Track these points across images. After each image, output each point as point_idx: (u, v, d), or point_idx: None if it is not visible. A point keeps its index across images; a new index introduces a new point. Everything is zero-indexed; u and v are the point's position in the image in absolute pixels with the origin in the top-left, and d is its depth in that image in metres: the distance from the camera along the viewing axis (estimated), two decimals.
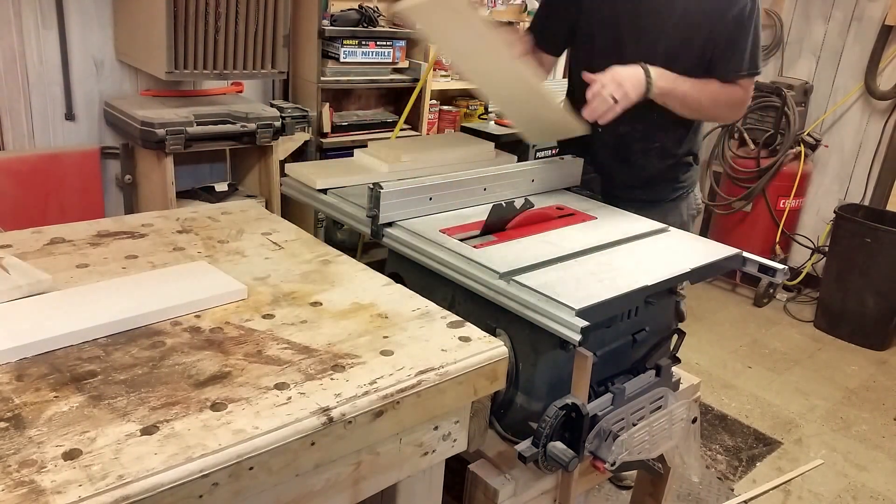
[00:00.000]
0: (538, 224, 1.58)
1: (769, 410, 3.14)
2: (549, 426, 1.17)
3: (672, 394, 1.40)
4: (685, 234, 1.64)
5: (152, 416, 0.87)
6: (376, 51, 3.26)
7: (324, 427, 0.90)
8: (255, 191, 3.02)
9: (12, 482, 0.74)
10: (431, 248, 1.39)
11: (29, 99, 2.63)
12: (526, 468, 1.26)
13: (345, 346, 1.07)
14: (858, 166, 4.17)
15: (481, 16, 1.62)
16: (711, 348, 3.67)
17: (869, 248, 3.68)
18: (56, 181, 2.67)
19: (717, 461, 2.76)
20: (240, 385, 0.95)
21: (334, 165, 1.86)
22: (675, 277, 1.36)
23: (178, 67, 2.47)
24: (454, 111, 3.83)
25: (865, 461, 2.84)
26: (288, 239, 1.47)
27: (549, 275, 1.30)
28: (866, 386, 3.43)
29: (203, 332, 1.08)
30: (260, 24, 2.62)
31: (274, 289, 1.24)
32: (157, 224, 1.48)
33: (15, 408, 0.86)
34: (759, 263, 1.52)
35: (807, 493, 2.62)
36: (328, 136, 3.26)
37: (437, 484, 1.20)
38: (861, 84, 4.05)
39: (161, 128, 2.49)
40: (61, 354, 0.98)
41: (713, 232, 4.49)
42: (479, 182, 1.66)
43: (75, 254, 1.30)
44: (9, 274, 1.14)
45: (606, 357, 1.34)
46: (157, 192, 2.68)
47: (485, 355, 1.09)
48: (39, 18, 2.58)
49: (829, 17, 4.17)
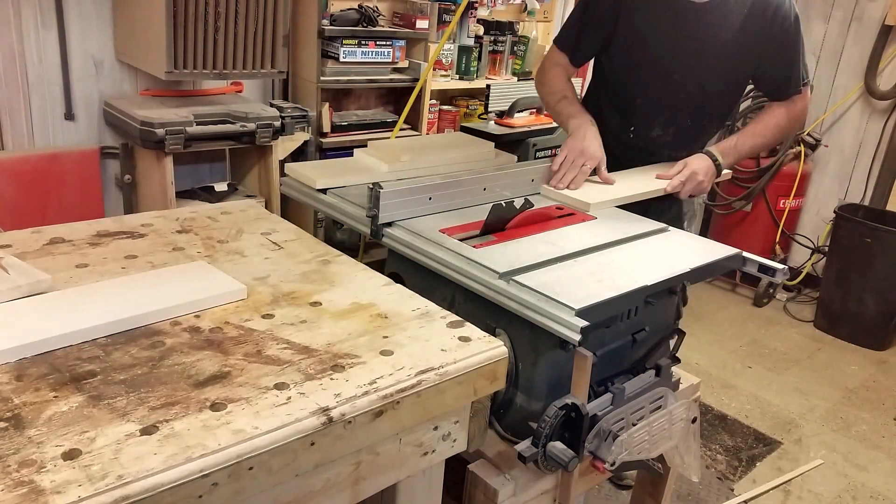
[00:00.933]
0: (538, 224, 1.58)
1: (769, 410, 3.14)
2: (549, 426, 1.17)
3: (672, 394, 1.40)
4: (685, 234, 1.64)
5: (152, 416, 0.87)
6: (376, 50, 3.26)
7: (323, 427, 0.90)
8: (254, 191, 3.02)
9: (12, 482, 0.74)
10: (431, 247, 1.39)
11: (28, 99, 2.63)
12: (526, 468, 1.26)
13: (344, 346, 1.07)
14: (858, 166, 4.17)
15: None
16: (711, 348, 3.67)
17: (869, 248, 3.68)
18: (56, 181, 2.67)
19: (717, 461, 2.76)
20: (239, 385, 0.95)
21: (334, 165, 1.86)
22: (674, 277, 1.36)
23: (177, 67, 2.47)
24: (454, 111, 3.83)
25: (865, 461, 2.84)
26: (287, 239, 1.47)
27: (549, 275, 1.30)
28: (866, 386, 3.43)
29: (203, 332, 1.08)
30: (259, 24, 2.62)
31: (273, 289, 1.23)
32: (156, 224, 1.48)
33: (14, 408, 0.86)
34: (758, 263, 1.52)
35: (807, 493, 2.62)
36: (328, 135, 3.26)
37: (437, 484, 1.20)
38: (861, 84, 4.05)
39: (160, 127, 2.49)
40: (61, 354, 0.98)
41: (713, 232, 4.49)
42: (478, 182, 1.66)
43: (75, 254, 1.30)
44: (8, 274, 1.14)
45: (606, 357, 1.34)
46: (157, 191, 2.67)
47: (485, 355, 1.09)
48: (39, 18, 2.58)
49: (828, 16, 4.17)
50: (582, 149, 1.80)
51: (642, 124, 2.04)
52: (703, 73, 1.92)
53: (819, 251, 4.23)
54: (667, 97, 1.98)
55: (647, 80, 1.99)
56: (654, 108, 2.01)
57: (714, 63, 1.91)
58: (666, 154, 1.99)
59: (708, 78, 1.93)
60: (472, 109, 3.92)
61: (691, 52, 1.90)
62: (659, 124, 2.02)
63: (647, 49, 1.95)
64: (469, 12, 3.66)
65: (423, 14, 3.39)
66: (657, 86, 1.98)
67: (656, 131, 2.03)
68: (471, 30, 3.69)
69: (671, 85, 1.96)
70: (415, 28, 3.39)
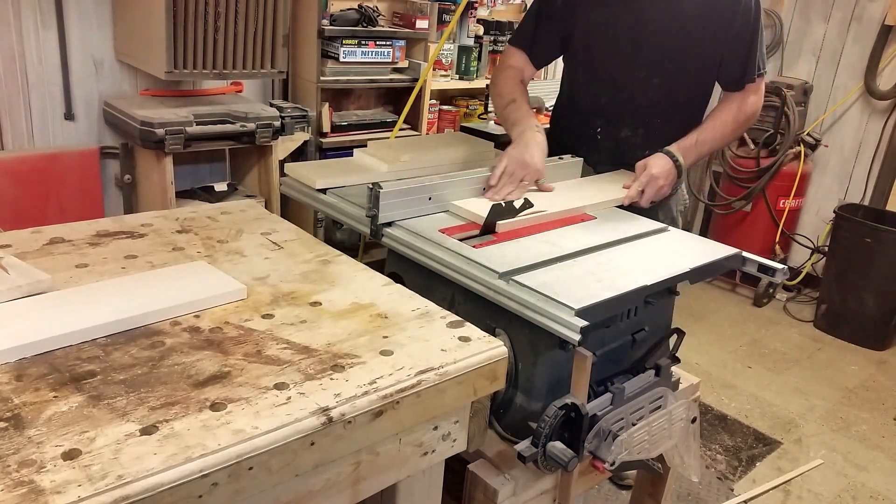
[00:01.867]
0: (537, 224, 1.58)
1: (769, 410, 3.15)
2: (549, 426, 1.17)
3: (671, 393, 1.40)
4: (684, 234, 1.64)
5: (152, 416, 0.87)
6: (376, 50, 3.26)
7: (323, 427, 0.90)
8: (254, 191, 3.02)
9: (12, 482, 0.74)
10: (431, 247, 1.39)
11: (28, 99, 2.63)
12: (525, 468, 1.26)
13: (344, 345, 1.07)
14: (858, 166, 4.18)
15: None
16: (711, 348, 3.67)
17: (868, 248, 3.68)
18: (55, 181, 2.67)
19: (717, 461, 2.76)
20: (239, 385, 0.95)
21: (334, 165, 1.86)
22: (674, 277, 1.36)
23: (177, 67, 2.47)
24: (454, 111, 3.83)
25: (865, 461, 2.84)
26: (287, 239, 1.47)
27: (549, 274, 1.30)
28: (866, 386, 3.43)
29: (202, 332, 1.08)
30: (259, 24, 2.62)
31: (273, 289, 1.23)
32: (156, 224, 1.48)
33: (14, 408, 0.86)
34: (758, 263, 1.52)
35: (806, 493, 2.62)
36: (327, 135, 3.26)
37: (437, 484, 1.20)
38: (861, 84, 4.05)
39: (160, 127, 2.49)
40: (61, 354, 0.98)
41: (713, 232, 4.49)
42: (478, 182, 1.66)
43: (74, 254, 1.30)
44: (8, 274, 1.14)
45: (606, 357, 1.34)
46: (157, 191, 2.67)
47: (484, 355, 1.09)
48: (39, 18, 2.58)
49: (828, 16, 4.17)
50: (523, 160, 1.67)
51: (610, 124, 1.97)
52: (667, 65, 1.86)
53: (819, 251, 4.23)
54: (632, 95, 1.92)
55: (611, 77, 1.93)
56: (621, 107, 1.95)
57: (678, 55, 1.85)
58: (638, 156, 1.87)
59: (672, 71, 1.87)
60: (471, 109, 3.93)
61: (653, 45, 1.85)
62: (627, 124, 1.95)
63: (607, 44, 1.89)
64: (469, 12, 3.66)
65: (423, 14, 3.40)
66: (621, 83, 1.92)
67: (625, 132, 1.96)
68: (471, 30, 3.69)
69: (636, 81, 1.90)
70: (414, 28, 3.39)
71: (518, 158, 1.67)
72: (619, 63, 1.91)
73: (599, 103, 1.98)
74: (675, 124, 1.92)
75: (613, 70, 1.92)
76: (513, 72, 1.98)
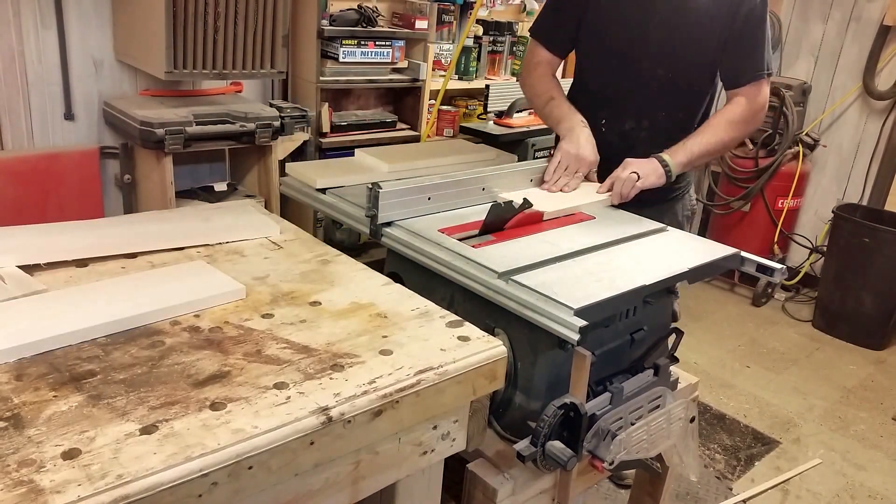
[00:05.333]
0: (537, 224, 1.58)
1: (767, 410, 3.15)
2: (548, 425, 1.17)
3: (670, 393, 1.41)
4: (683, 234, 1.64)
5: (151, 415, 0.87)
6: (375, 51, 3.26)
7: (323, 426, 0.90)
8: (254, 190, 3.02)
9: (11, 482, 0.74)
10: (430, 247, 1.39)
11: (28, 99, 2.63)
12: (524, 467, 1.26)
13: (344, 345, 1.07)
14: (857, 166, 4.18)
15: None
16: (710, 348, 3.67)
17: (867, 248, 3.69)
18: (55, 181, 2.67)
19: (716, 460, 2.77)
20: (239, 384, 0.95)
21: (333, 165, 1.86)
22: (673, 277, 1.36)
23: (177, 67, 2.47)
24: (453, 111, 3.83)
25: (863, 460, 2.84)
26: (287, 239, 1.47)
27: (548, 274, 1.30)
28: (864, 385, 3.44)
29: (202, 331, 1.08)
30: (259, 24, 2.62)
31: (273, 288, 1.24)
32: None
33: (14, 407, 0.86)
34: (757, 263, 1.52)
35: (805, 493, 2.62)
36: (327, 135, 3.26)
37: (436, 483, 1.20)
38: (859, 84, 4.05)
39: (160, 127, 2.49)
40: (60, 354, 0.99)
41: (712, 232, 4.49)
42: (478, 182, 1.66)
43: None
44: (4, 284, 1.14)
45: (605, 356, 1.34)
46: (157, 191, 2.67)
47: (484, 355, 1.09)
48: (38, 18, 2.58)
49: (827, 16, 4.18)
50: (577, 154, 1.80)
51: (614, 116, 1.98)
52: (673, 59, 1.87)
53: (817, 251, 4.23)
54: (637, 87, 1.93)
55: (616, 69, 1.94)
56: (625, 99, 1.95)
57: (682, 47, 1.86)
58: (644, 151, 1.88)
59: (677, 64, 1.88)
60: (471, 109, 3.92)
61: (660, 36, 1.86)
62: (632, 117, 1.96)
63: (615, 35, 1.91)
64: (468, 12, 3.66)
65: (423, 14, 3.40)
66: (626, 74, 1.92)
67: (629, 124, 1.97)
68: (470, 30, 3.69)
69: (641, 74, 1.90)
70: (414, 28, 3.39)
71: (572, 153, 1.81)
72: (625, 55, 1.92)
73: (605, 93, 1.99)
74: (678, 119, 1.94)
75: (618, 62, 1.93)
76: (543, 68, 2.03)
